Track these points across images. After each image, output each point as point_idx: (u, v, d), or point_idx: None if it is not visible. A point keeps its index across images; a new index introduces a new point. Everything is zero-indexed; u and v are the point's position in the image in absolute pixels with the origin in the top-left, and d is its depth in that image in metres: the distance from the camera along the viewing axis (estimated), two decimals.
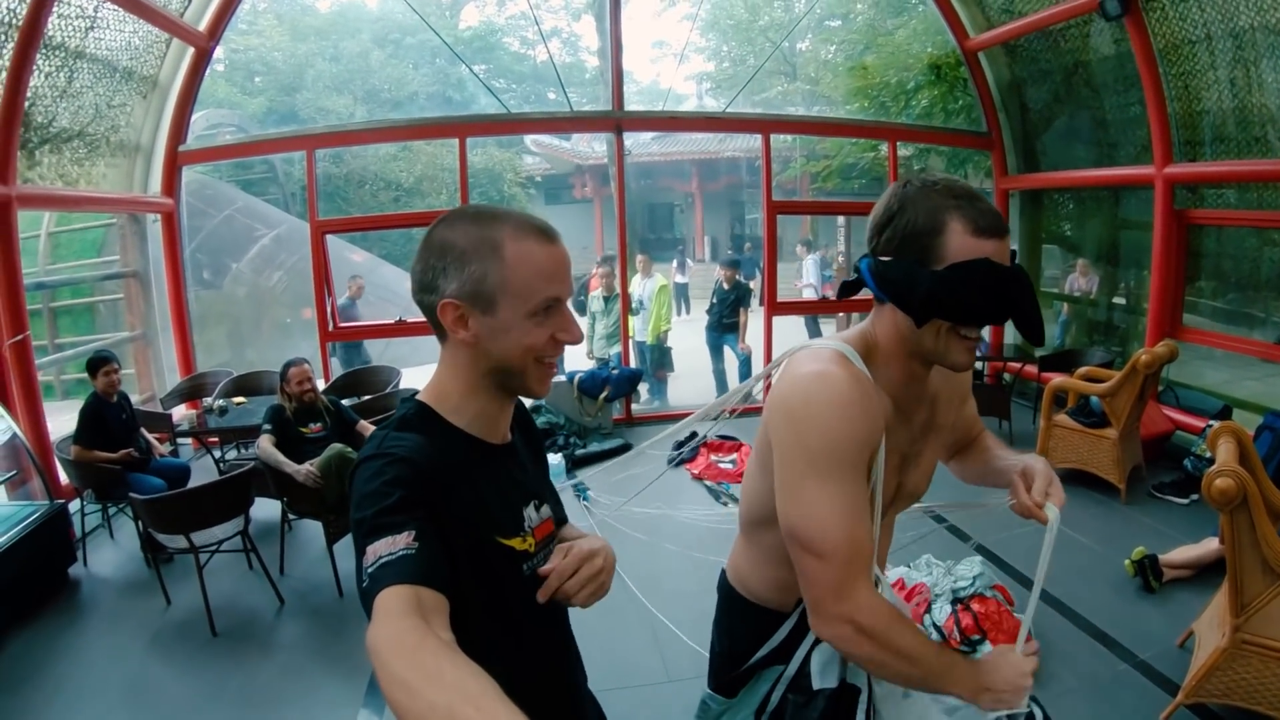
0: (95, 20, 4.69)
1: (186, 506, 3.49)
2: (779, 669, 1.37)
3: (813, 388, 1.16)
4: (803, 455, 1.15)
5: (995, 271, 1.11)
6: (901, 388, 1.27)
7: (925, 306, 1.14)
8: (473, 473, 1.06)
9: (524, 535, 1.11)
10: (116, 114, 5.28)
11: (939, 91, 8.78)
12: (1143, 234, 6.10)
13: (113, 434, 4.24)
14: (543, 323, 1.04)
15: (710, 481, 5.26)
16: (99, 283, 7.17)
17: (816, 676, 1.31)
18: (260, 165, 12.88)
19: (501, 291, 1.02)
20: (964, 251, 1.11)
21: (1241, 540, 2.55)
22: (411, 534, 0.88)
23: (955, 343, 1.18)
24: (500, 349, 1.04)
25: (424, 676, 0.70)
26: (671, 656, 3.23)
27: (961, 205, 1.12)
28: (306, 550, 4.34)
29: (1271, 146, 4.92)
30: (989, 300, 1.12)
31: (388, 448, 1.00)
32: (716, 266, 8.01)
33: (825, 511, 1.13)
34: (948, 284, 1.11)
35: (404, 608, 0.80)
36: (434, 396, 1.10)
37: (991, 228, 1.12)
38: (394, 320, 7.13)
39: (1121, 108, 6.04)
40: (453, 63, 20.57)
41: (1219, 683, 2.62)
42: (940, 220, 1.12)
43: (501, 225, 1.03)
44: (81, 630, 3.58)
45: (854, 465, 1.15)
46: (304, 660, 3.30)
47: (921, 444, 1.37)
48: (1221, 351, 5.96)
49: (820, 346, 1.25)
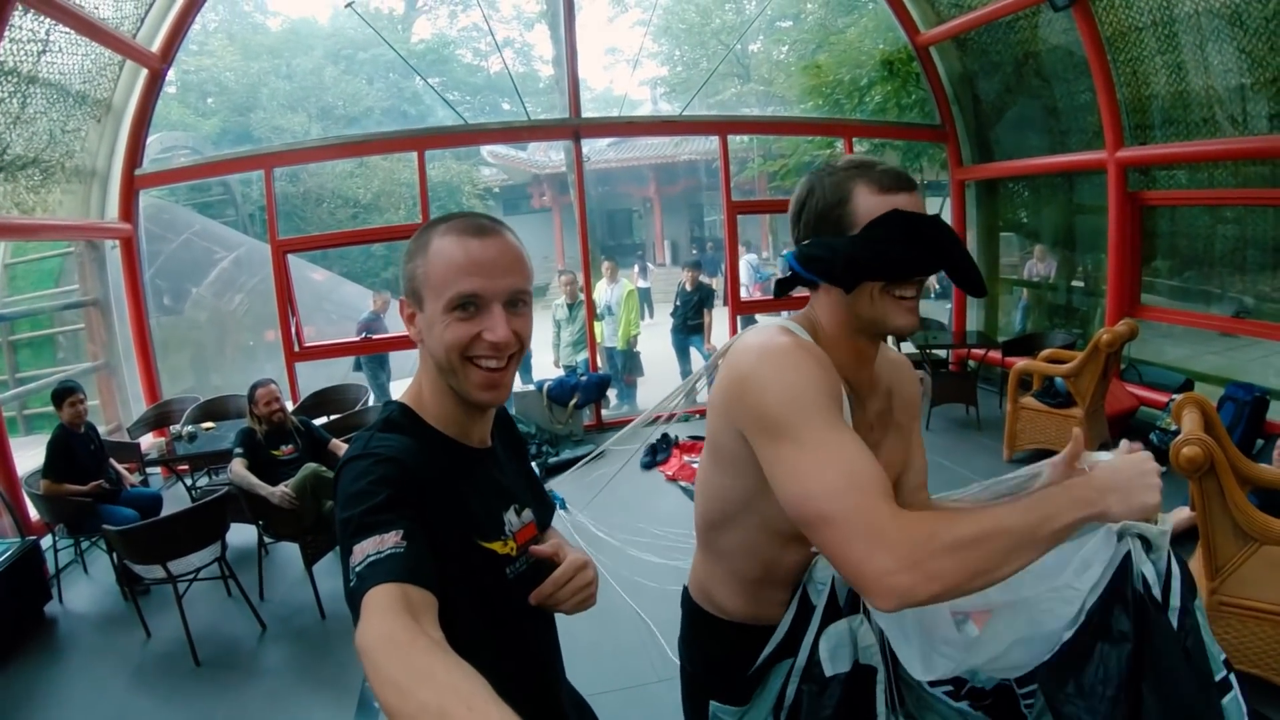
0: (47, 44, 4.59)
1: (162, 535, 3.42)
2: (789, 662, 1.29)
3: (758, 356, 1.12)
4: (768, 424, 1.07)
5: (908, 219, 1.10)
6: (852, 370, 1.23)
7: (849, 270, 1.12)
8: (451, 475, 1.07)
9: (505, 539, 1.11)
10: (71, 139, 5.17)
11: (892, 87, 8.93)
12: (1097, 218, 6.27)
13: (82, 466, 4.14)
14: (465, 321, 1.02)
15: (685, 482, 5.28)
16: (58, 313, 6.99)
17: (827, 663, 1.23)
18: (216, 187, 12.68)
19: (424, 286, 1.03)
20: (874, 209, 1.11)
21: (1212, 506, 2.64)
22: (399, 533, 0.88)
23: (891, 304, 1.15)
24: (432, 346, 1.05)
25: (415, 676, 0.69)
26: (659, 657, 3.23)
27: (862, 171, 1.14)
28: (285, 573, 4.27)
29: (1219, 126, 5.09)
30: (909, 249, 1.10)
31: (373, 448, 1.00)
32: (681, 269, 8.03)
33: (813, 467, 1.00)
34: (865, 243, 1.11)
35: (393, 606, 0.79)
36: (412, 398, 1.12)
37: (895, 183, 1.13)
38: (359, 338, 7.10)
39: (1071, 95, 6.20)
40: (406, 76, 20.47)
41: None
42: (845, 189, 1.14)
43: (440, 225, 1.06)
44: (62, 668, 3.48)
45: (829, 413, 1.05)
46: (291, 684, 3.25)
47: (879, 434, 1.30)
48: (1181, 328, 6.14)
49: (764, 326, 1.23)
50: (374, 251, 16.73)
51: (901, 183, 1.14)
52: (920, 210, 1.13)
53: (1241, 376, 5.22)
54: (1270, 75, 4.73)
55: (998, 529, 0.94)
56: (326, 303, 11.40)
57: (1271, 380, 5.18)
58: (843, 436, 1.03)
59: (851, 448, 1.01)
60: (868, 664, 1.22)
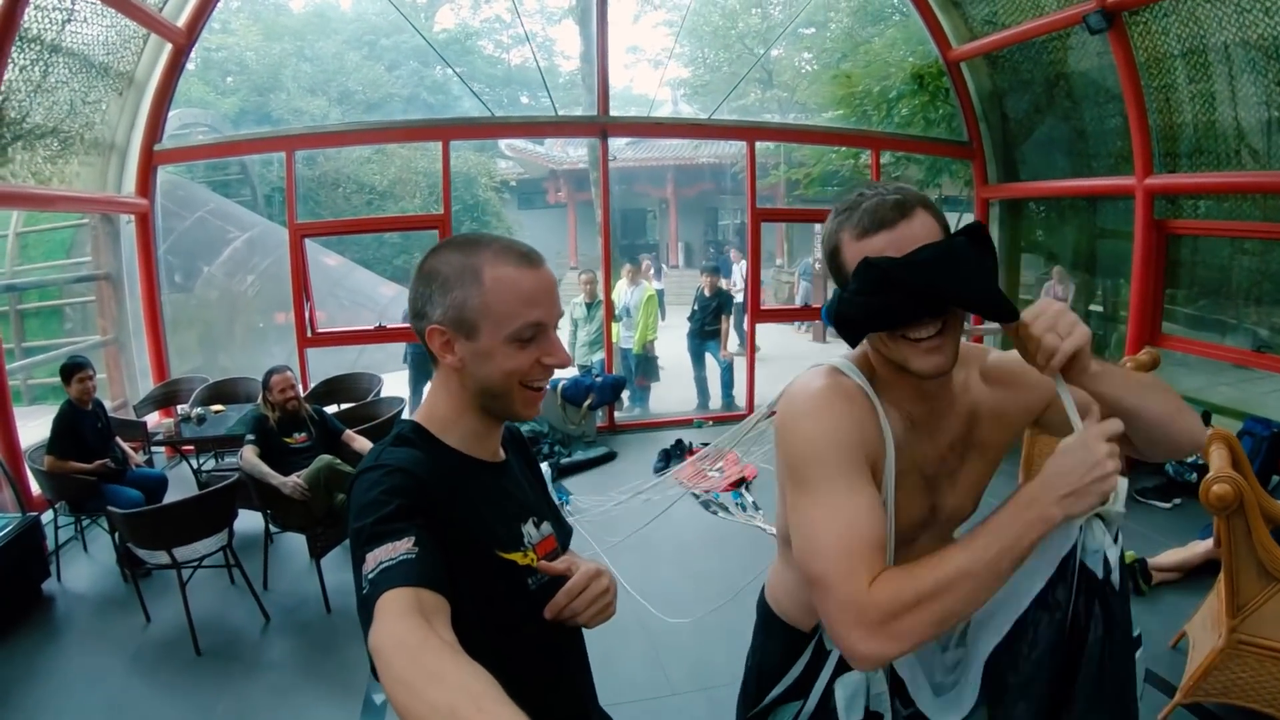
0: (72, 13, 4.53)
1: (169, 521, 3.37)
2: (797, 705, 1.31)
3: (795, 402, 1.14)
4: (789, 471, 1.11)
5: (876, 269, 1.01)
6: (914, 403, 1.19)
7: (841, 328, 1.10)
8: (466, 487, 1.08)
9: (524, 550, 1.11)
10: (91, 111, 5.11)
11: (920, 101, 8.86)
12: (1119, 242, 6.21)
13: (87, 443, 4.07)
14: (525, 347, 1.05)
15: (699, 491, 5.22)
16: (68, 285, 6.94)
17: (843, 711, 1.25)
18: (233, 166, 12.62)
19: (482, 317, 1.03)
20: (853, 259, 1.06)
21: (1238, 544, 2.60)
22: (411, 539, 0.89)
23: (906, 348, 1.07)
24: (484, 373, 1.06)
25: (426, 677, 0.70)
26: (674, 670, 3.18)
27: (846, 215, 1.08)
28: (290, 564, 4.21)
29: (1248, 159, 5.03)
30: (885, 298, 1.02)
31: (384, 460, 1.02)
32: (700, 273, 7.98)
33: (816, 526, 1.04)
34: (849, 299, 1.06)
35: (406, 609, 0.80)
36: (426, 417, 1.13)
37: (874, 223, 1.05)
38: (374, 326, 7.03)
39: (1100, 119, 6.13)
40: (427, 65, 20.43)
41: (1216, 682, 2.67)
42: (836, 239, 1.10)
43: (483, 251, 1.05)
44: (58, 650, 3.43)
45: (843, 468, 1.06)
46: (294, 679, 3.20)
47: (956, 463, 1.25)
48: (1195, 358, 6.08)
49: (816, 365, 1.22)
50: (388, 239, 16.69)
51: (885, 218, 1.05)
52: (915, 242, 1.03)
53: (1256, 410, 5.18)
54: None
55: (959, 574, 0.96)
56: (339, 289, 11.35)
57: None
58: (848, 499, 1.05)
59: (850, 509, 1.04)
60: (876, 710, 1.24)
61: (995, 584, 0.98)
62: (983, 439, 1.27)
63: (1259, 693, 2.60)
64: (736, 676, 1.56)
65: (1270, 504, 2.70)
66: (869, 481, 1.09)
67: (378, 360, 8.77)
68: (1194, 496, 4.60)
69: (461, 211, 16.20)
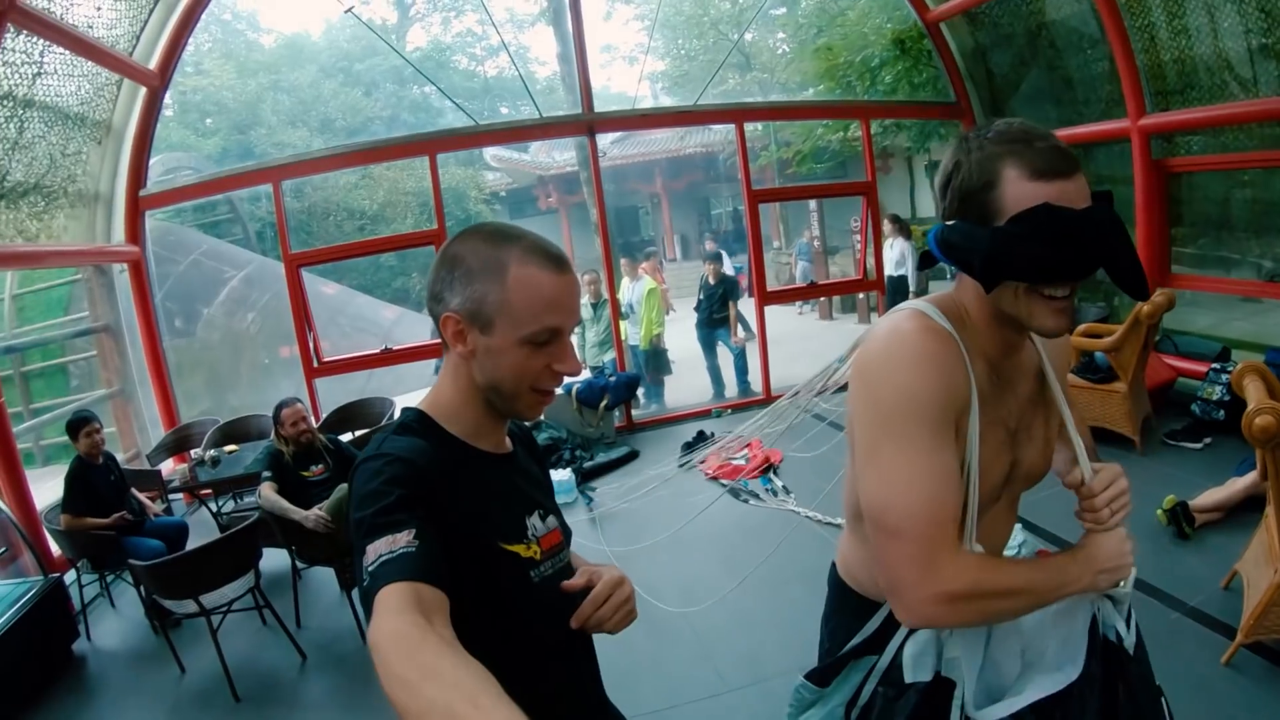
0: (42, 66, 4.48)
1: (193, 568, 3.30)
2: (872, 659, 1.28)
3: (885, 345, 1.10)
4: (876, 417, 1.08)
5: (1060, 216, 0.97)
6: (999, 356, 1.17)
7: (988, 269, 1.03)
8: (470, 477, 1.07)
9: (528, 542, 1.10)
10: (72, 163, 5.07)
11: (903, 66, 8.77)
12: (1117, 187, 6.11)
13: (102, 498, 4.04)
14: (538, 351, 1.04)
15: (727, 480, 5.15)
16: (69, 341, 6.90)
17: (909, 669, 1.21)
18: (222, 206, 12.60)
19: (499, 314, 1.02)
20: (1023, 200, 0.99)
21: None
22: (411, 532, 0.88)
23: (1038, 304, 1.05)
24: (493, 370, 1.05)
25: (423, 673, 0.70)
26: (724, 666, 3.11)
27: (1015, 149, 1.01)
28: (319, 598, 4.16)
29: (1239, 89, 4.96)
30: (1057, 251, 0.98)
31: (386, 449, 1.01)
32: (704, 263, 7.91)
33: (904, 479, 1.04)
34: (1007, 240, 1.00)
35: (404, 605, 0.80)
36: (431, 405, 1.11)
37: (1052, 168, 0.99)
38: (379, 350, 6.98)
39: (1086, 65, 6.07)
40: (404, 85, 20.41)
41: (1276, 618, 2.60)
42: (994, 170, 1.02)
43: (511, 247, 1.04)
44: (94, 708, 3.38)
45: (935, 426, 1.05)
46: (339, 716, 3.14)
47: (1032, 418, 1.24)
48: (1206, 295, 6.00)
49: (899, 308, 1.17)
50: (384, 262, 16.66)
51: (1060, 166, 1.00)
52: (1081, 199, 1.00)
53: (1273, 341, 5.11)
54: None
55: (1026, 587, 1.08)
56: (340, 316, 11.33)
57: None
58: (939, 459, 1.06)
59: (942, 473, 1.06)
60: (949, 676, 1.20)
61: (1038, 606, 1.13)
62: (1049, 395, 1.28)
63: None
64: (789, 666, 1.50)
65: None
66: (953, 442, 1.09)
67: (386, 384, 8.73)
68: (1224, 434, 4.55)
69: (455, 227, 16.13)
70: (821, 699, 1.37)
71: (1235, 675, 2.63)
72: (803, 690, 1.39)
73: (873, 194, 7.20)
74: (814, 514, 4.44)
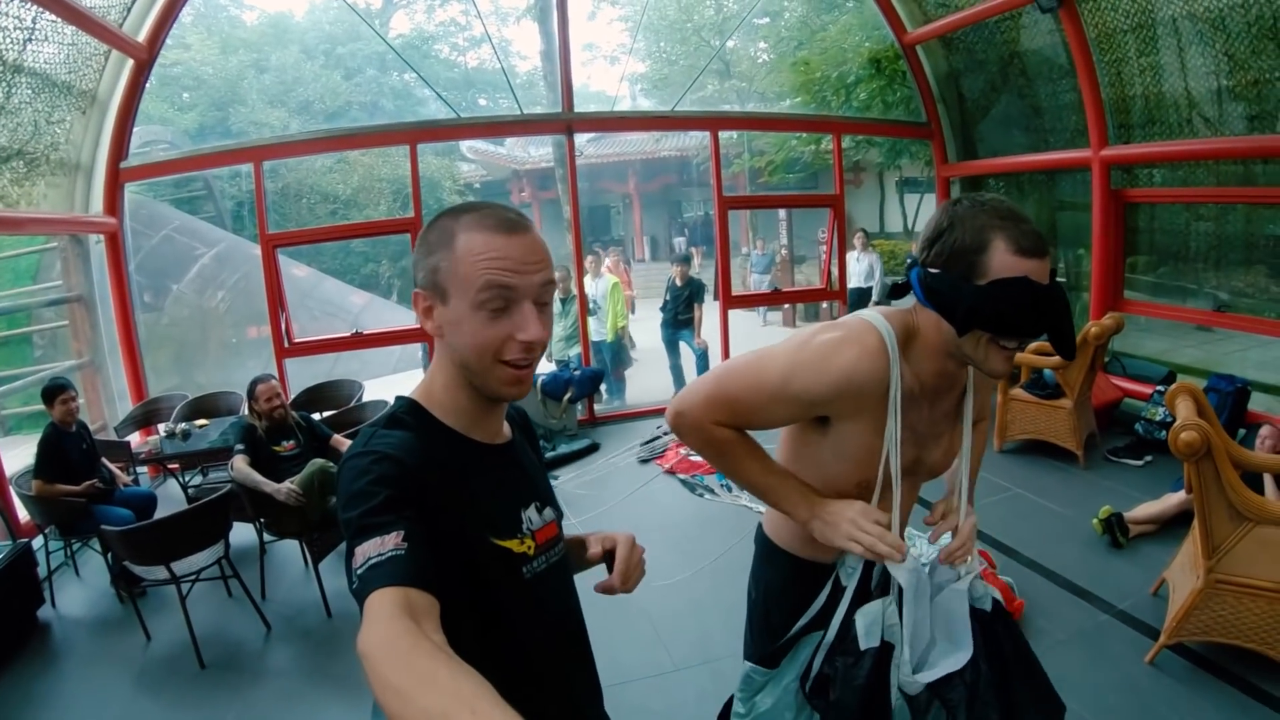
0: (33, 32, 4.47)
1: (168, 535, 3.36)
2: (818, 635, 1.47)
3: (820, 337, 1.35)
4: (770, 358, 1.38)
5: (1034, 290, 1.19)
6: (932, 377, 1.37)
7: (967, 318, 1.22)
8: (463, 471, 1.05)
9: (522, 537, 1.09)
10: (55, 130, 5.04)
11: (878, 85, 9.00)
12: (1078, 214, 6.39)
13: (74, 466, 4.05)
14: (496, 319, 1.00)
15: (683, 474, 5.30)
16: (36, 310, 6.81)
17: (863, 638, 1.40)
18: (196, 183, 12.43)
19: (450, 281, 1.00)
20: (1006, 269, 1.19)
21: (1208, 488, 2.75)
22: (400, 534, 0.87)
23: (995, 352, 1.26)
24: (458, 343, 1.02)
25: (417, 681, 0.69)
26: (675, 646, 3.26)
27: (1006, 225, 1.21)
28: (285, 572, 4.22)
29: (1199, 127, 5.22)
30: (1027, 316, 1.20)
31: (374, 445, 0.99)
32: (671, 264, 8.05)
33: (746, 368, 1.39)
34: (989, 298, 1.20)
35: (394, 610, 0.79)
36: (423, 393, 1.10)
37: (1033, 248, 1.20)
38: (350, 334, 7.02)
39: (1054, 95, 6.30)
40: (384, 71, 20.24)
41: (1197, 622, 2.82)
42: (986, 238, 1.21)
43: (463, 216, 1.02)
44: (60, 675, 3.39)
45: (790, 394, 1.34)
46: (301, 685, 3.21)
47: (944, 427, 1.48)
48: (1160, 322, 6.29)
49: (857, 314, 1.39)
50: (354, 248, 16.54)
51: (1039, 248, 1.21)
52: (1045, 277, 1.22)
53: (1219, 369, 5.36)
54: (1252, 78, 4.86)
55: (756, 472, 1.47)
56: (309, 299, 11.26)
57: (1249, 372, 5.35)
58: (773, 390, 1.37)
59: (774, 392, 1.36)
60: (889, 641, 1.41)
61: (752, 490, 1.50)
62: (966, 412, 1.52)
63: (1238, 628, 2.75)
64: (736, 648, 1.65)
65: (1237, 450, 2.85)
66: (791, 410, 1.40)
67: (352, 368, 8.75)
68: (1164, 453, 4.80)
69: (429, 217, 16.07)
70: (772, 679, 1.52)
71: (1158, 674, 2.85)
72: (753, 675, 1.54)
73: (840, 207, 7.37)
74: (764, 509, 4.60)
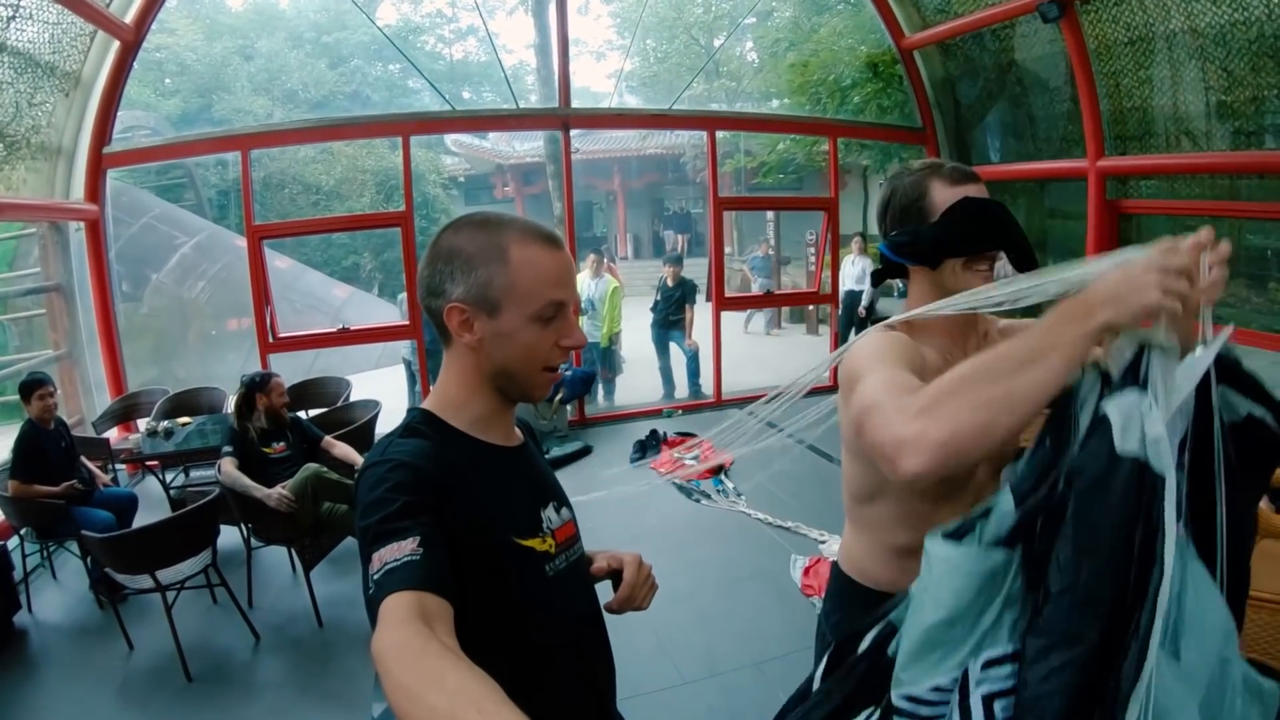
0: (18, 9, 4.29)
1: (153, 542, 3.22)
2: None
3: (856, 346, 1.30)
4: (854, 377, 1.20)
5: (979, 203, 1.31)
6: (950, 347, 1.40)
7: (934, 249, 1.33)
8: (481, 474, 1.06)
9: (543, 536, 1.10)
10: (37, 113, 4.84)
11: (874, 88, 8.99)
12: (1068, 223, 6.43)
13: (52, 464, 3.88)
14: (546, 328, 1.06)
15: (680, 480, 5.24)
16: (11, 299, 6.58)
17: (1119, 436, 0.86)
18: (176, 170, 12.10)
19: (506, 295, 1.04)
20: (949, 198, 1.33)
21: None
22: (416, 540, 0.88)
23: (971, 276, 1.32)
24: (504, 353, 1.06)
25: (426, 681, 0.70)
26: (681, 659, 3.19)
27: (934, 168, 1.37)
28: (273, 579, 4.09)
29: (1195, 140, 5.25)
30: (983, 226, 1.31)
31: (390, 454, 1.00)
32: (662, 264, 7.99)
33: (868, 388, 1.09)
34: (945, 225, 1.32)
35: (408, 614, 0.80)
36: (437, 403, 1.11)
37: (964, 174, 1.35)
38: (336, 329, 6.87)
39: (1050, 104, 6.32)
40: (369, 62, 19.97)
41: None
42: (923, 185, 1.36)
43: (507, 231, 1.06)
44: (38, 685, 3.26)
45: (891, 361, 1.19)
46: (293, 698, 3.10)
47: None
48: None
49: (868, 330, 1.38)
50: (336, 240, 16.27)
51: (969, 175, 1.36)
52: (985, 194, 1.34)
53: None
54: (1249, 94, 4.88)
55: (973, 368, 0.94)
56: (291, 292, 11.02)
57: None
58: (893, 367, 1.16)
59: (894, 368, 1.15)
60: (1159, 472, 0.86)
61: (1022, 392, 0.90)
62: None
63: (1243, 640, 2.73)
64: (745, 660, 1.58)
65: None
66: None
67: (334, 363, 8.58)
68: None
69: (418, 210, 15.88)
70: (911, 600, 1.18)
71: None
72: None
73: (834, 210, 7.36)
74: (764, 516, 4.59)
